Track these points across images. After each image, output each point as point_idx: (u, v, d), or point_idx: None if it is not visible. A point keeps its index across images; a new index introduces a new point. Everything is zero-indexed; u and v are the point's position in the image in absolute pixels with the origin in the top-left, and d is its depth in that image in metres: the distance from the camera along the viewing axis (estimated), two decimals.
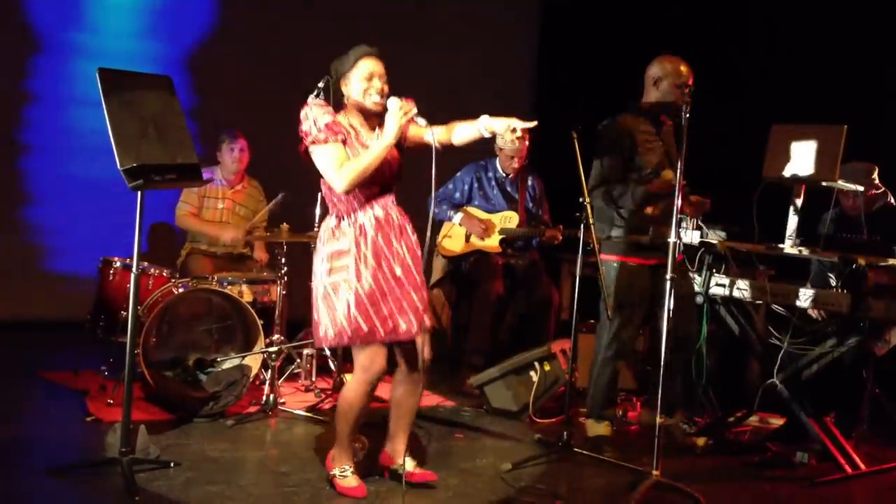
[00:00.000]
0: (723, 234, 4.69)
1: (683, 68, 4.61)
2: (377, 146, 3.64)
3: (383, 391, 5.26)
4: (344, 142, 3.68)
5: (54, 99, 6.77)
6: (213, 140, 5.93)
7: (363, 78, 3.71)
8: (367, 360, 3.69)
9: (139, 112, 3.75)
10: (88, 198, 6.74)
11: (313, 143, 3.67)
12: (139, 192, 3.71)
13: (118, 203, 4.87)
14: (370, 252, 3.67)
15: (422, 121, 3.71)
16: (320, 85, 5.14)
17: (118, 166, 3.62)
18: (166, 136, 3.80)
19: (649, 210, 4.56)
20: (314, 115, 3.69)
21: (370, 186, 3.70)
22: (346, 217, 3.72)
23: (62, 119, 6.76)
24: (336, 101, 3.81)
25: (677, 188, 4.03)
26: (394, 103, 3.67)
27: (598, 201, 4.60)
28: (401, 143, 3.80)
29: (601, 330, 4.73)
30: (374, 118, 3.80)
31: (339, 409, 3.80)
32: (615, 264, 4.65)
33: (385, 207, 3.75)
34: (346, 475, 3.78)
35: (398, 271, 3.70)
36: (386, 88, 3.73)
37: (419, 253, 3.80)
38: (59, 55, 6.75)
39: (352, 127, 3.75)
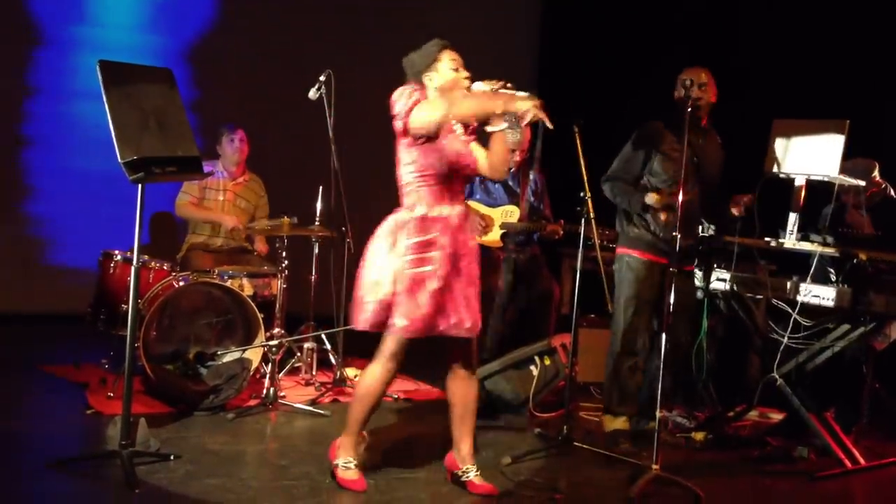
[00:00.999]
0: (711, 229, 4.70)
1: (700, 72, 4.61)
2: (491, 98, 3.64)
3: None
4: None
5: (55, 92, 6.77)
6: (214, 133, 5.92)
7: (451, 68, 3.74)
8: (398, 349, 3.69)
9: (140, 105, 3.74)
10: (89, 191, 6.75)
11: (416, 102, 3.64)
12: (140, 185, 3.70)
13: (119, 196, 4.87)
14: (452, 246, 3.68)
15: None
16: (321, 78, 5.17)
17: (118, 159, 3.62)
18: (167, 129, 3.79)
19: (663, 217, 4.57)
20: (409, 90, 3.70)
21: (457, 182, 3.74)
22: (432, 209, 3.70)
23: (63, 112, 6.77)
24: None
25: (681, 184, 4.03)
26: (481, 86, 3.71)
27: (608, 193, 4.67)
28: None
29: (615, 325, 4.72)
30: None
31: (357, 394, 3.79)
32: (626, 258, 4.66)
33: (462, 204, 3.79)
34: (348, 467, 3.77)
35: (471, 268, 3.74)
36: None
37: (474, 252, 3.82)
38: (60, 48, 6.75)
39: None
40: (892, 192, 5.13)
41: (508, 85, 3.73)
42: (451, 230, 3.70)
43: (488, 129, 3.80)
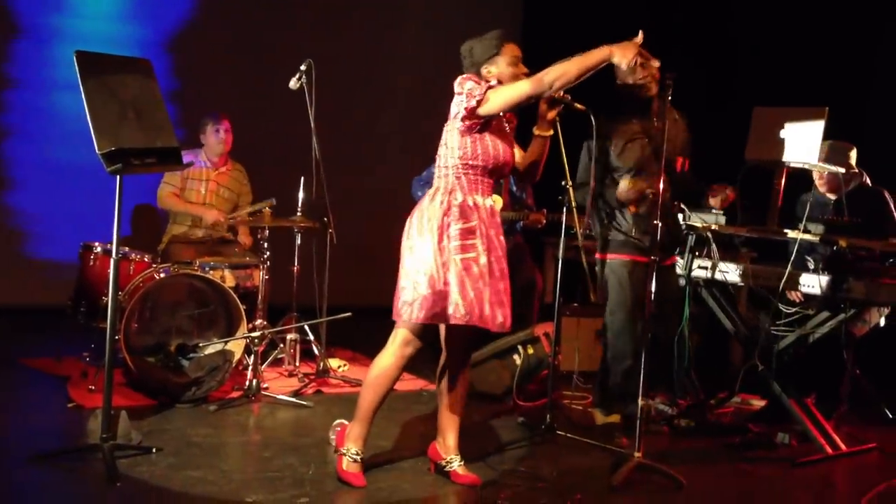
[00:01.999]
0: (722, 218, 4.67)
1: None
2: (586, 56, 3.63)
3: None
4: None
5: (34, 83, 6.72)
6: (194, 124, 5.89)
7: (511, 63, 3.71)
8: (412, 336, 3.66)
9: (118, 95, 3.71)
10: (69, 182, 6.71)
11: (490, 88, 3.61)
12: (118, 177, 3.68)
13: (99, 188, 4.85)
14: (486, 237, 3.67)
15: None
16: (302, 68, 5.14)
17: (96, 150, 3.59)
18: (146, 120, 3.76)
19: (632, 209, 4.52)
20: (471, 81, 3.66)
21: (493, 177, 3.72)
22: (470, 197, 3.68)
23: (42, 103, 6.72)
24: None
25: (660, 174, 4.01)
26: None
27: (579, 199, 4.53)
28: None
29: (609, 330, 4.64)
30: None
31: (368, 380, 3.73)
32: (607, 263, 4.59)
33: (493, 200, 3.77)
34: (355, 459, 3.71)
35: (502, 263, 3.71)
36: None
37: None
38: (38, 39, 6.70)
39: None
40: (868, 180, 5.14)
41: (568, 97, 3.81)
42: (485, 221, 3.69)
43: (536, 131, 3.82)
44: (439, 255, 3.60)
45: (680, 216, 4.69)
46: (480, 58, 3.71)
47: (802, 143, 4.48)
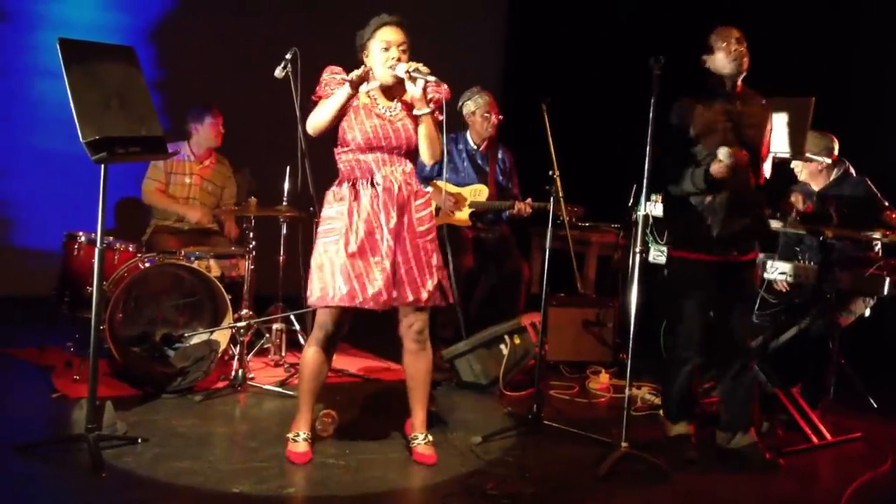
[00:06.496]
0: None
1: (733, 32, 4.19)
2: (340, 91, 3.74)
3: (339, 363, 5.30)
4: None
5: (17, 70, 6.64)
6: (178, 113, 5.84)
7: (381, 48, 3.76)
8: (321, 319, 3.81)
9: (102, 83, 3.68)
10: (53, 171, 6.64)
11: (318, 97, 3.82)
12: (102, 166, 3.65)
13: (84, 177, 4.79)
14: (361, 220, 3.71)
15: (429, 78, 3.73)
16: (288, 56, 5.11)
17: (80, 139, 3.56)
18: (130, 108, 3.74)
19: (708, 199, 4.14)
20: (325, 77, 3.82)
21: (373, 152, 3.75)
22: (346, 182, 3.79)
23: (26, 91, 6.64)
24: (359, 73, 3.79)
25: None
26: (402, 67, 3.73)
27: (676, 192, 4.23)
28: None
29: (674, 332, 4.37)
30: (399, 88, 3.83)
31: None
32: (677, 260, 4.23)
33: (388, 176, 3.77)
34: (296, 440, 3.86)
35: (389, 243, 3.71)
36: (403, 58, 3.76)
37: (421, 228, 3.83)
38: (21, 25, 6.62)
39: (369, 96, 3.81)
40: (853, 170, 5.15)
41: (428, 71, 3.74)
42: (363, 205, 3.72)
43: (414, 112, 3.82)
44: (318, 238, 3.83)
45: (661, 205, 4.60)
46: (357, 43, 3.83)
47: (789, 133, 4.48)
